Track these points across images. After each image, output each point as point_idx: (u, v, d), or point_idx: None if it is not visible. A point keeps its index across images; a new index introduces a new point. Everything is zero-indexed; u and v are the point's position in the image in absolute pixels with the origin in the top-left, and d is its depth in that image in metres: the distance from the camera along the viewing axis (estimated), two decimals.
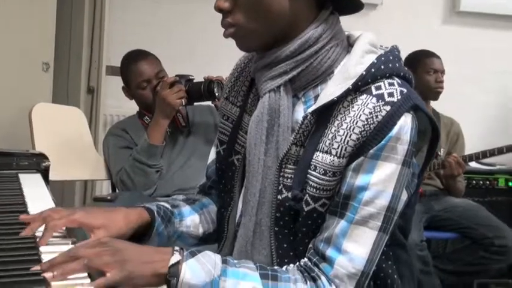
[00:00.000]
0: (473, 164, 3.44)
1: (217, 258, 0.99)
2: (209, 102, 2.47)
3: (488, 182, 3.45)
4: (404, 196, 1.07)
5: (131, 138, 2.43)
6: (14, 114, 2.52)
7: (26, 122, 2.35)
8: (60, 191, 3.08)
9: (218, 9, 1.09)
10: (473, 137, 3.59)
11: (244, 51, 1.15)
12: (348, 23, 3.73)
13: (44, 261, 0.93)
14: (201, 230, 1.30)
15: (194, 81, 2.38)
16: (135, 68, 2.46)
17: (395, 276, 1.15)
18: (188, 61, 3.26)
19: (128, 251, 0.95)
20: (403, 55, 3.15)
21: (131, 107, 2.63)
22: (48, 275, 0.88)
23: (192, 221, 1.29)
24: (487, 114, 3.83)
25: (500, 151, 2.94)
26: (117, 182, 2.36)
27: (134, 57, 2.49)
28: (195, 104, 2.46)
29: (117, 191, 2.45)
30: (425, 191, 3.01)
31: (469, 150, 3.21)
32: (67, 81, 3.15)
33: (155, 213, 1.20)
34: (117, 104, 3.20)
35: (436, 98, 3.05)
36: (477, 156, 2.99)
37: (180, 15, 3.44)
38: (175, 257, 0.95)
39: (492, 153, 2.96)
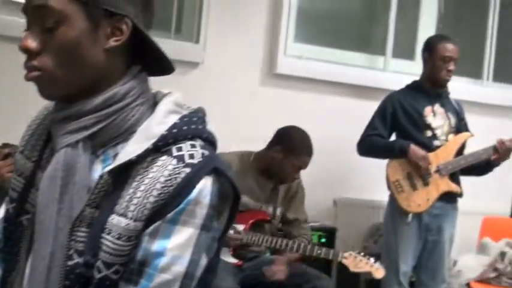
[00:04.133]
0: None
1: None
2: None
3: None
4: (204, 261, 1.04)
5: None
6: None
7: None
8: None
9: (24, 49, 1.00)
10: None
11: (46, 98, 1.06)
12: (169, 80, 3.72)
13: None
14: None
15: None
16: None
17: None
18: None
19: None
20: (224, 115, 3.21)
21: None
22: None
23: None
24: (303, 173, 3.96)
25: None
26: None
27: None
28: None
29: None
30: None
31: None
32: None
33: None
34: None
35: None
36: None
37: None
38: None
39: None
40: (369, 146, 3.48)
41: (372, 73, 4.14)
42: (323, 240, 3.60)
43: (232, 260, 2.95)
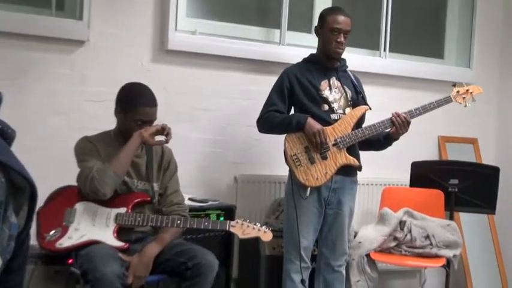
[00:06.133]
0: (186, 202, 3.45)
1: None
2: None
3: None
4: None
5: None
6: None
7: None
8: None
9: None
10: (189, 175, 3.63)
11: None
12: (54, 60, 3.56)
13: None
14: None
15: None
16: None
17: None
18: None
19: None
20: (112, 93, 3.05)
21: None
22: None
23: None
24: (201, 151, 3.89)
25: None
26: None
27: None
28: None
29: None
30: None
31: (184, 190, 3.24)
32: None
33: None
34: None
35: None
36: None
37: None
38: None
39: None
40: (267, 122, 3.42)
41: (268, 47, 4.06)
42: (221, 219, 3.53)
43: (118, 244, 2.84)
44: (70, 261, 2.88)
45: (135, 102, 2.99)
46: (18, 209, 0.96)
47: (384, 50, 4.47)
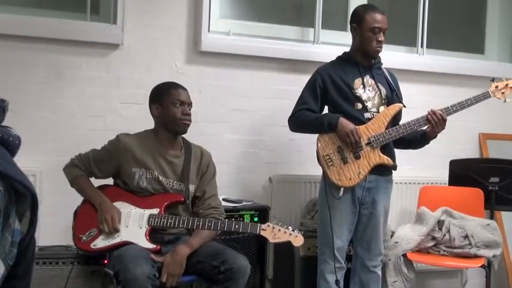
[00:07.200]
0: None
1: None
2: None
3: (233, 219, 3.48)
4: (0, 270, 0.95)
5: None
6: None
7: None
8: None
9: None
10: (224, 175, 3.64)
11: None
12: (90, 63, 3.61)
13: None
14: None
15: None
16: None
17: None
18: None
19: None
20: (147, 95, 3.08)
21: None
22: None
23: None
24: (236, 152, 3.91)
25: None
26: None
27: None
28: None
29: None
30: None
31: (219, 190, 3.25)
32: None
33: None
34: None
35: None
36: None
37: None
38: None
39: None
40: (299, 121, 3.41)
41: (302, 46, 4.04)
42: (256, 219, 3.54)
43: (149, 246, 2.88)
44: (106, 261, 2.92)
45: (166, 88, 3.10)
46: (21, 216, 0.98)
47: (421, 46, 4.40)
